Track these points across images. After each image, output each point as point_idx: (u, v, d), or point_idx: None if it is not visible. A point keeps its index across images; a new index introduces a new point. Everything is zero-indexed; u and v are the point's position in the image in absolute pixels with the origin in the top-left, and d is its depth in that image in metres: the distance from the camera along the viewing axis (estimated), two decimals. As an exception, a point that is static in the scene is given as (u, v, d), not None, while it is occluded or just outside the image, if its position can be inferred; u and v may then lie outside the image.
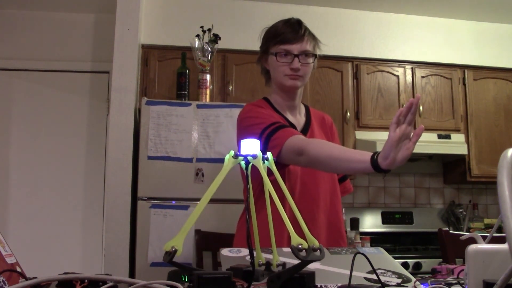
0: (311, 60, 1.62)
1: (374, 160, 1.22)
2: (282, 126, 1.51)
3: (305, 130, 1.69)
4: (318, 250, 0.81)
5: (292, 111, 1.70)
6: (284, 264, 0.95)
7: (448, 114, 3.58)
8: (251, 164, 0.89)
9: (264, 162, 0.92)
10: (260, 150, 0.90)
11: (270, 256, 1.09)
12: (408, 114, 1.14)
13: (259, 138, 1.44)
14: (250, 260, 0.89)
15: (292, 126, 1.64)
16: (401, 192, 3.82)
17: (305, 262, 0.78)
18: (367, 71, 3.53)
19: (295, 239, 0.80)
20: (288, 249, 1.14)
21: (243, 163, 0.89)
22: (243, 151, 0.90)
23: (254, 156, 0.89)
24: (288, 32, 1.61)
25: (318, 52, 1.67)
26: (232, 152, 0.90)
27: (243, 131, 1.59)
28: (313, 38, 1.65)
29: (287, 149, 1.44)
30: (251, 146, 0.90)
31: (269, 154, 0.94)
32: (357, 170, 1.33)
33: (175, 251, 0.80)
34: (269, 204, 0.98)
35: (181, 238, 0.82)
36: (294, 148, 1.42)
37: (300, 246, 0.79)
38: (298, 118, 1.71)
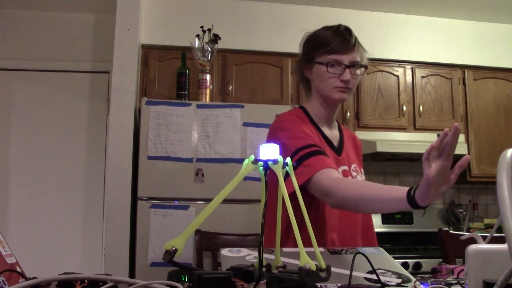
0: (360, 71, 1.52)
1: (410, 198, 1.10)
2: (318, 152, 1.41)
3: (341, 147, 1.61)
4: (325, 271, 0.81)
5: (329, 125, 1.62)
6: (284, 266, 0.95)
7: (448, 114, 3.58)
8: (268, 170, 0.88)
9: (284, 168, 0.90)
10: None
11: (271, 257, 1.09)
12: (442, 146, 1.00)
13: (290, 157, 1.23)
14: (253, 261, 0.89)
15: (329, 141, 1.57)
16: (401, 192, 3.82)
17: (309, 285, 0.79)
18: (367, 71, 3.52)
19: (304, 260, 0.80)
20: (288, 249, 1.14)
21: (261, 168, 0.88)
22: (262, 156, 0.88)
23: (275, 161, 0.88)
24: (339, 42, 1.49)
25: (366, 63, 1.57)
26: (252, 157, 0.88)
27: (276, 143, 1.52)
28: (362, 48, 1.55)
29: (315, 184, 1.34)
30: (270, 151, 0.88)
31: (288, 160, 0.91)
32: (392, 209, 1.18)
33: (175, 250, 0.80)
34: (280, 209, 0.96)
35: (183, 239, 0.81)
36: (320, 187, 1.33)
37: (308, 266, 0.79)
38: (334, 133, 1.64)
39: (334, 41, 1.49)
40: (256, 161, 0.88)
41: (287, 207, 0.86)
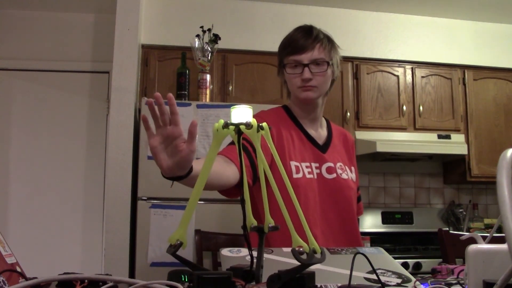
0: (323, 68, 1.52)
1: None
2: (231, 143, 1.40)
3: (327, 145, 1.63)
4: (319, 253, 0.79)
5: (313, 124, 1.63)
6: (275, 227, 0.89)
7: (448, 114, 3.58)
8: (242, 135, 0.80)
9: (258, 131, 0.80)
10: None
11: (270, 257, 1.09)
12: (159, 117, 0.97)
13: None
14: (250, 258, 0.89)
15: (312, 140, 1.60)
16: (401, 192, 3.82)
17: (305, 265, 0.78)
18: (367, 71, 3.53)
19: (296, 241, 0.78)
20: (288, 249, 1.14)
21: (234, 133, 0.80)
22: (234, 120, 0.79)
23: (248, 125, 0.78)
24: (297, 41, 1.52)
25: (336, 58, 1.57)
26: (222, 122, 0.79)
27: None
28: (328, 43, 1.54)
29: None
30: (243, 114, 0.78)
31: (264, 124, 0.83)
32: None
33: (180, 244, 0.79)
34: (264, 186, 0.91)
35: (184, 229, 0.79)
36: None
37: (300, 249, 0.78)
38: (320, 132, 1.65)
39: (294, 41, 1.53)
40: (226, 125, 0.79)
41: (270, 183, 0.81)
